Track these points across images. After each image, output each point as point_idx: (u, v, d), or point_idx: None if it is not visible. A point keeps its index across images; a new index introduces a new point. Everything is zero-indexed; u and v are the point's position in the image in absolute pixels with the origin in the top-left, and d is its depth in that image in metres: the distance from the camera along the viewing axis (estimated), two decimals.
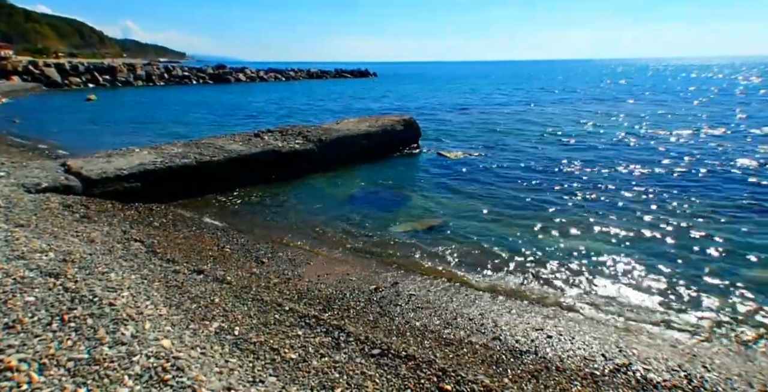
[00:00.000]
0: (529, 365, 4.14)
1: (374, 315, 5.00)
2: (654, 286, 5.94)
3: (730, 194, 9.68)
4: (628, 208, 8.91)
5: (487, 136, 17.70)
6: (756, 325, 5.05)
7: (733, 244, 7.12)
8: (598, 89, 45.20)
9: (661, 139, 16.55)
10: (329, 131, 12.84)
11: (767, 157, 13.08)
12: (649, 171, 11.82)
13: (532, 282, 6.08)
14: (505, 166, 12.52)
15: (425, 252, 6.96)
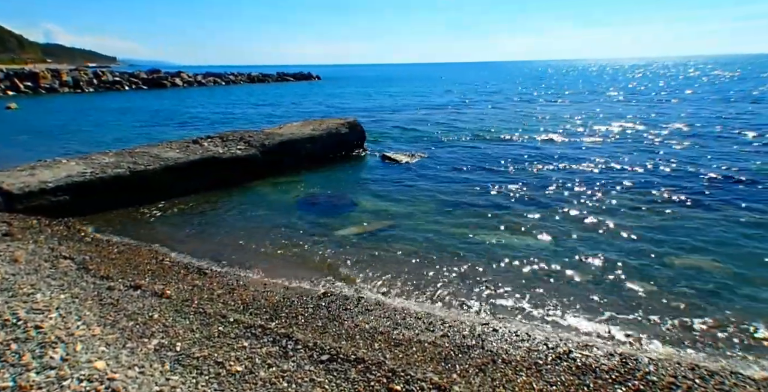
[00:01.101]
0: (477, 359, 4.23)
1: (323, 320, 4.95)
2: (589, 279, 6.24)
3: (649, 187, 10.37)
4: (565, 204, 9.33)
5: (430, 137, 17.96)
6: (681, 309, 5.41)
7: (655, 235, 7.61)
8: (529, 89, 47.07)
9: (585, 136, 17.46)
10: (272, 136, 12.61)
11: (676, 152, 14.11)
12: (578, 168, 12.45)
13: (477, 278, 6.22)
14: (449, 167, 12.76)
15: (373, 255, 6.97)
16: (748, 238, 7.23)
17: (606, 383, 3.94)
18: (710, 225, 7.86)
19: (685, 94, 35.53)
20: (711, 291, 5.72)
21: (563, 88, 47.83)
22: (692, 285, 5.88)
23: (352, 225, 8.26)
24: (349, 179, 11.82)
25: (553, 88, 48.63)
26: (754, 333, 4.86)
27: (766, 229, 7.58)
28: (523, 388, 3.80)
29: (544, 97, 36.93)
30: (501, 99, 35.77)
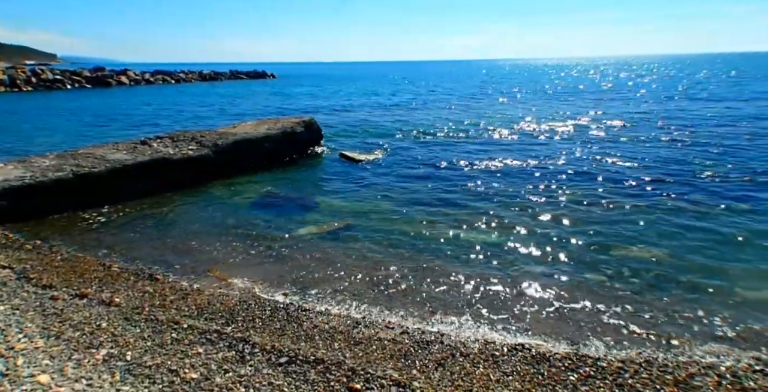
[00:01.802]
0: (436, 354, 4.29)
1: (281, 322, 4.88)
2: (540, 271, 6.44)
3: (593, 182, 10.82)
4: (515, 199, 9.59)
5: (386, 135, 18.01)
6: (626, 297, 5.67)
7: (600, 228, 7.95)
8: (476, 88, 48.07)
9: (533, 133, 18.02)
10: (225, 135, 12.30)
11: (617, 147, 14.80)
12: (526, 164, 12.83)
13: (435, 274, 6.30)
14: (406, 165, 12.85)
15: (332, 254, 6.93)
16: (686, 229, 7.65)
17: (559, 370, 4.08)
18: (651, 217, 8.26)
19: (627, 91, 37.22)
20: (653, 279, 6.03)
21: (511, 86, 49.02)
22: (636, 274, 6.17)
23: (310, 225, 8.19)
24: (307, 178, 11.70)
25: (502, 86, 49.83)
26: (694, 318, 5.15)
27: (702, 221, 8.05)
28: (481, 380, 3.89)
29: (493, 95, 37.75)
30: (453, 97, 36.29)
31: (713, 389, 3.83)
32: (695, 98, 29.23)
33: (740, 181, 10.34)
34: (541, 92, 39.82)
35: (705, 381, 3.94)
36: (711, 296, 5.54)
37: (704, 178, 10.69)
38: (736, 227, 7.58)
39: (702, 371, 4.08)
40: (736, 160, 12.28)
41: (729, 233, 7.36)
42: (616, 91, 37.65)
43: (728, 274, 6.06)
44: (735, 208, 8.53)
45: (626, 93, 35.73)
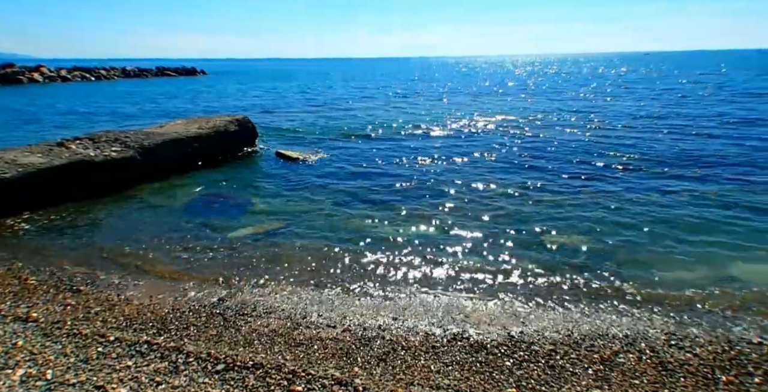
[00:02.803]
0: (378, 349, 4.31)
1: (218, 328, 4.72)
2: (476, 261, 6.64)
3: (522, 174, 11.32)
4: (451, 193, 9.83)
5: (323, 133, 17.79)
6: (556, 283, 5.96)
7: (530, 217, 8.32)
8: (413, 86, 48.82)
9: (465, 129, 18.57)
10: (152, 135, 11.68)
11: (543, 140, 15.56)
12: (460, 159, 13.19)
13: (376, 270, 6.33)
14: (343, 163, 12.78)
15: (270, 255, 6.78)
16: (607, 217, 8.16)
17: (496, 357, 4.23)
18: (577, 206, 8.74)
19: (556, 88, 39.13)
20: (580, 264, 6.38)
21: (446, 84, 50.06)
22: (565, 260, 6.51)
23: (246, 226, 7.96)
24: (242, 179, 11.35)
25: (438, 84, 50.82)
26: (617, 299, 5.50)
27: (623, 207, 8.61)
28: (422, 371, 3.95)
29: (428, 93, 38.36)
30: (390, 94, 36.52)
31: (634, 364, 4.11)
32: (603, 94, 31.21)
33: (653, 172, 11.16)
34: (473, 89, 40.97)
35: (627, 357, 4.23)
36: (630, 278, 5.93)
37: (620, 169, 11.45)
38: (650, 214, 8.18)
39: (624, 348, 4.37)
40: (649, 152, 13.23)
41: (645, 219, 7.93)
42: (537, 88, 39.43)
43: (645, 257, 6.53)
44: (650, 196, 9.20)
45: (552, 90, 37.52)
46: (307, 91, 41.05)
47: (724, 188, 9.47)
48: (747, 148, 13.06)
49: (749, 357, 4.22)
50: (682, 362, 4.14)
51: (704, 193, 9.17)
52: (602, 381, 3.83)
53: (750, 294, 5.48)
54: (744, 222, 7.61)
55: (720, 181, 10.05)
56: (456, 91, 38.19)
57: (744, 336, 4.61)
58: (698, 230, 7.38)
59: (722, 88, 32.28)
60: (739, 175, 10.44)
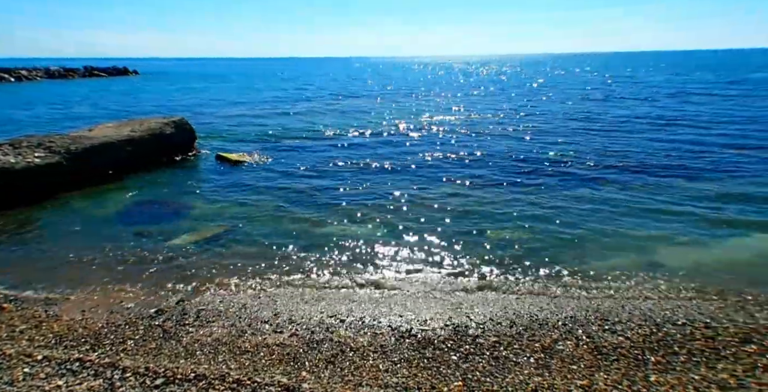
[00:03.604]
0: (326, 352, 4.28)
1: (157, 341, 4.51)
2: (420, 258, 6.74)
3: (461, 173, 11.63)
4: (394, 193, 9.92)
5: (265, 135, 17.42)
6: (498, 275, 6.16)
7: (470, 214, 8.55)
8: (361, 85, 48.90)
9: (407, 130, 18.83)
10: (80, 140, 11.00)
11: (478, 140, 16.06)
12: (402, 160, 13.36)
13: (322, 272, 6.28)
14: (286, 165, 12.57)
15: (212, 262, 6.57)
16: (546, 209, 8.53)
17: (443, 352, 4.31)
18: (515, 202, 9.07)
19: (496, 89, 40.40)
20: (520, 257, 6.62)
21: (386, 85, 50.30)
22: (505, 254, 6.73)
23: (186, 232, 7.66)
24: (180, 183, 10.91)
25: (383, 84, 51.11)
26: (556, 287, 5.75)
27: (557, 202, 9.02)
28: (371, 371, 3.96)
29: (373, 94, 38.40)
30: (335, 95, 36.27)
31: (572, 350, 4.31)
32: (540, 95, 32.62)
33: (586, 166, 11.77)
34: (413, 90, 41.54)
35: (566, 344, 4.43)
36: (566, 268, 6.23)
37: (555, 164, 11.99)
38: (582, 208, 8.62)
39: (563, 336, 4.58)
40: (578, 150, 13.94)
41: (577, 212, 8.34)
42: (486, 88, 40.61)
43: (579, 248, 6.87)
44: (580, 191, 9.70)
45: (493, 92, 38.71)
46: (249, 91, 40.06)
47: (647, 181, 10.14)
48: (666, 145, 14.03)
49: (674, 337, 4.53)
50: (615, 345, 4.38)
51: (629, 187, 9.77)
52: (543, 369, 3.99)
53: (674, 278, 5.89)
54: (666, 212, 8.17)
55: (643, 175, 10.75)
56: (395, 92, 38.51)
57: (669, 318, 4.94)
58: (626, 220, 7.85)
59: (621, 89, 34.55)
60: (659, 169, 11.22)
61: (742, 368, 3.95)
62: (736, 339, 4.45)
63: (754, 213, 8.02)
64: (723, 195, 9.04)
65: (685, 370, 3.94)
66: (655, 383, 3.74)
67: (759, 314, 4.98)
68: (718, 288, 5.63)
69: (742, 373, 3.88)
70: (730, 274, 5.97)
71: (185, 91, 41.86)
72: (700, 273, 5.98)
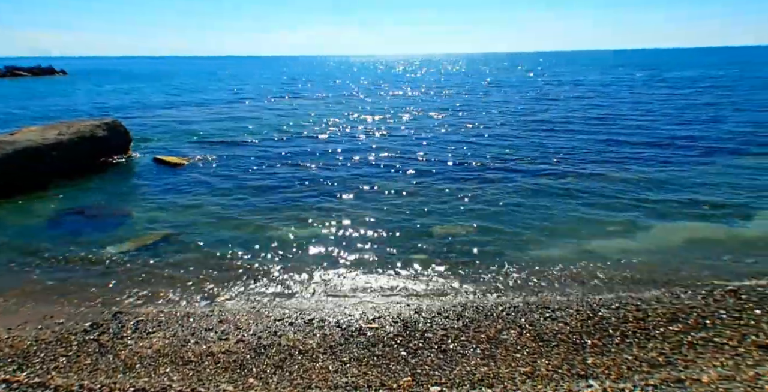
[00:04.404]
0: (274, 357, 4.20)
1: (93, 356, 4.27)
2: (369, 258, 6.76)
3: (407, 171, 11.78)
4: (341, 193, 9.90)
5: (205, 136, 16.87)
6: (435, 269, 6.27)
7: (418, 211, 8.68)
8: (297, 85, 48.34)
9: (348, 129, 18.86)
10: (0, 145, 10.21)
11: (424, 139, 16.35)
12: (347, 160, 13.37)
13: (267, 277, 6.15)
14: (229, 167, 12.19)
15: (152, 270, 6.29)
16: (488, 204, 8.78)
17: (393, 349, 4.34)
18: (459, 198, 9.27)
19: (426, 86, 41.05)
20: (465, 251, 6.79)
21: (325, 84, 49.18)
22: (451, 248, 6.88)
23: (124, 240, 7.30)
24: (116, 189, 10.36)
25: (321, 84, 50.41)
26: (498, 279, 5.92)
27: (499, 197, 9.31)
28: (320, 373, 3.93)
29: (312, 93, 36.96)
30: (274, 95, 35.08)
31: (516, 338, 4.47)
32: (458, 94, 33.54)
33: (524, 162, 12.24)
34: (351, 90, 41.52)
35: (510, 333, 4.58)
36: (509, 260, 6.44)
37: (495, 161, 12.38)
38: (522, 202, 8.95)
39: (507, 326, 4.73)
40: (518, 144, 14.47)
41: (517, 206, 8.65)
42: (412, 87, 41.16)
43: (520, 239, 7.14)
44: (521, 185, 10.07)
45: (422, 89, 39.32)
46: (186, 91, 38.43)
47: (581, 175, 10.66)
48: (596, 141, 14.77)
49: (609, 321, 4.79)
50: (556, 332, 4.58)
51: (564, 181, 10.24)
52: (489, 359, 4.11)
53: (608, 264, 6.23)
54: (597, 204, 8.62)
55: (576, 169, 11.29)
56: (335, 92, 38.23)
57: (604, 303, 5.22)
58: (562, 212, 8.23)
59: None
60: (588, 164, 11.85)
61: (670, 346, 4.24)
62: (664, 319, 4.77)
63: (676, 203, 8.60)
64: (648, 186, 9.65)
65: (619, 351, 4.18)
66: (592, 365, 3.94)
67: (684, 295, 5.35)
68: (648, 272, 6.01)
69: (669, 351, 4.15)
70: (658, 259, 6.39)
71: (119, 90, 39.72)
72: (630, 259, 6.36)
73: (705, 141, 13.87)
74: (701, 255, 6.47)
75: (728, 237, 7.10)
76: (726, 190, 9.26)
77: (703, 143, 13.55)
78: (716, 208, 8.24)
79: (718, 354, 4.06)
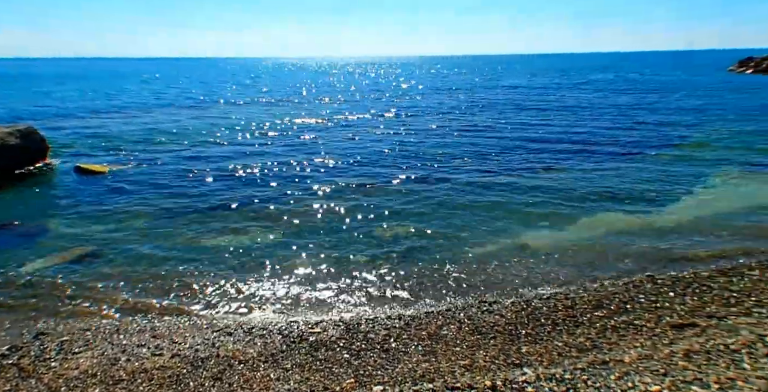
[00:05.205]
0: (212, 369, 4.08)
1: (12, 381, 3.97)
2: (305, 260, 6.72)
3: (340, 176, 11.84)
4: (275, 198, 9.77)
5: (128, 143, 15.96)
6: (384, 270, 6.35)
7: (359, 213, 8.73)
8: (225, 88, 47.10)
9: (278, 134, 18.68)
10: None
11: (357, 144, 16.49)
12: (279, 166, 13.22)
13: (202, 288, 5.95)
14: (154, 175, 11.62)
15: (76, 286, 5.91)
16: (428, 205, 8.98)
17: (336, 352, 4.34)
18: (398, 200, 9.40)
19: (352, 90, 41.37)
20: (405, 251, 6.90)
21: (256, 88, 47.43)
22: (391, 249, 6.97)
23: (45, 256, 6.80)
24: (33, 201, 9.62)
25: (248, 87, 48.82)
26: (440, 277, 6.07)
27: (437, 197, 9.55)
28: (262, 382, 3.87)
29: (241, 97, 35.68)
30: (201, 99, 33.51)
31: (456, 333, 4.60)
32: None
33: (456, 164, 12.64)
34: (279, 93, 41.04)
35: (450, 328, 4.71)
36: (448, 257, 6.63)
37: (429, 165, 12.69)
38: (459, 201, 9.22)
39: (447, 321, 4.87)
40: (453, 147, 14.91)
41: (454, 206, 8.91)
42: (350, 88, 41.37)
43: (458, 237, 7.36)
44: (456, 186, 10.39)
45: (359, 93, 39.61)
46: (105, 95, 35.72)
47: (512, 175, 11.15)
48: (524, 143, 15.49)
49: (541, 310, 5.04)
50: (492, 324, 4.76)
51: (496, 180, 10.66)
52: (430, 355, 4.21)
53: (539, 257, 6.56)
54: (528, 201, 9.05)
55: (507, 169, 11.81)
56: (267, 96, 37.43)
57: (537, 293, 5.49)
58: (497, 210, 8.56)
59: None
60: (518, 163, 12.45)
61: (595, 331, 4.53)
62: (590, 306, 5.09)
63: (598, 196, 9.21)
64: (574, 182, 10.27)
65: (551, 339, 4.42)
66: (526, 353, 4.14)
67: (607, 282, 5.73)
68: (574, 262, 6.39)
69: (595, 336, 4.44)
70: (584, 249, 6.81)
71: (32, 94, 36.66)
72: (559, 251, 6.73)
73: (622, 139, 14.93)
74: (621, 244, 6.96)
75: (644, 226, 7.68)
76: (640, 183, 10.03)
77: (620, 142, 14.59)
78: (633, 201, 8.90)
79: (638, 336, 4.38)
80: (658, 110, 21.67)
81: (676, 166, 11.51)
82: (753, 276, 5.66)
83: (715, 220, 7.85)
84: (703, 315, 4.77)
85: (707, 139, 14.79)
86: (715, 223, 7.71)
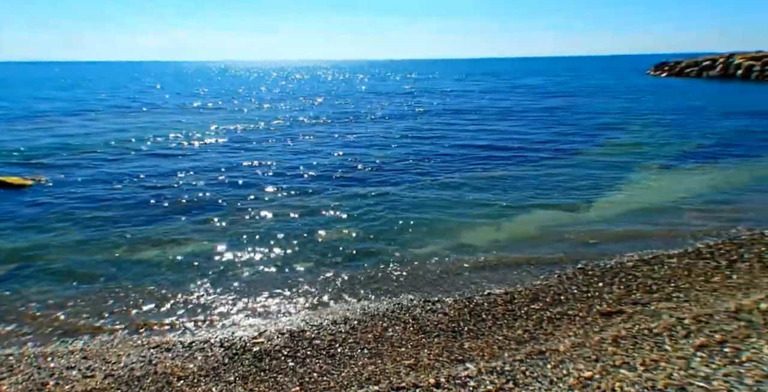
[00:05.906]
0: (149, 388, 3.91)
1: None
2: (249, 272, 6.55)
3: (285, 180, 11.74)
4: (216, 207, 9.48)
5: (52, 151, 14.85)
6: (329, 275, 6.33)
7: (301, 218, 8.65)
8: (157, 94, 45.42)
9: (205, 140, 18.27)
10: None
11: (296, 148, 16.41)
12: (206, 172, 12.92)
13: (137, 302, 5.63)
14: (80, 186, 10.84)
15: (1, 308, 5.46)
16: (370, 208, 9.02)
17: (280, 361, 4.28)
18: (336, 204, 9.37)
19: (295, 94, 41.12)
20: (350, 255, 6.90)
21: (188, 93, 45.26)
22: (336, 252, 6.96)
23: None
24: None
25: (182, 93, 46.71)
26: (385, 279, 6.10)
27: (380, 200, 9.62)
28: None
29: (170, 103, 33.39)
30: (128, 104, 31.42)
31: (401, 334, 4.67)
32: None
33: (394, 167, 12.82)
34: (213, 99, 40.08)
35: (395, 329, 4.77)
36: (391, 259, 6.68)
37: (372, 168, 12.81)
38: (401, 204, 9.33)
39: (392, 323, 4.92)
40: (390, 151, 15.10)
41: (397, 208, 9.01)
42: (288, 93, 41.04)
43: (401, 239, 7.45)
44: (398, 188, 10.55)
45: (291, 96, 39.39)
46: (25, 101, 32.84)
47: (450, 177, 11.45)
48: (461, 146, 16.00)
49: (482, 306, 5.21)
50: (436, 323, 4.87)
51: (435, 182, 10.92)
52: (376, 357, 4.24)
53: (478, 254, 6.76)
54: (465, 202, 9.33)
55: (444, 171, 12.11)
56: (199, 101, 35.94)
57: (477, 290, 5.66)
58: (436, 211, 8.76)
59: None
60: (455, 165, 12.85)
61: (533, 323, 4.74)
62: (527, 299, 5.32)
63: (531, 196, 9.66)
64: (508, 183, 10.72)
65: (492, 333, 4.58)
66: (468, 349, 4.26)
67: (542, 275, 6.01)
68: (512, 258, 6.63)
69: (532, 327, 4.64)
70: (520, 245, 7.11)
71: None
72: (497, 248, 6.98)
73: (554, 141, 15.75)
74: (554, 239, 7.31)
75: (574, 222, 8.11)
76: (570, 181, 10.63)
77: (552, 143, 15.38)
78: (564, 198, 9.40)
79: (571, 325, 4.63)
80: (586, 112, 23.00)
81: (601, 164, 12.29)
82: (671, 264, 6.13)
83: (637, 212, 8.49)
84: (629, 302, 5.11)
85: (630, 139, 15.89)
86: (636, 214, 8.34)
